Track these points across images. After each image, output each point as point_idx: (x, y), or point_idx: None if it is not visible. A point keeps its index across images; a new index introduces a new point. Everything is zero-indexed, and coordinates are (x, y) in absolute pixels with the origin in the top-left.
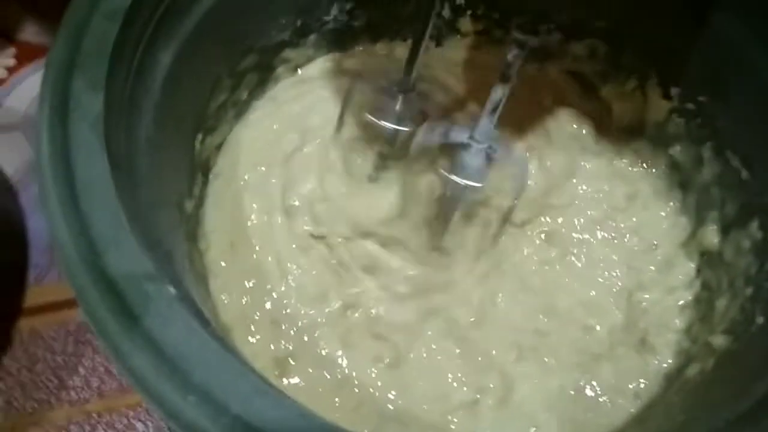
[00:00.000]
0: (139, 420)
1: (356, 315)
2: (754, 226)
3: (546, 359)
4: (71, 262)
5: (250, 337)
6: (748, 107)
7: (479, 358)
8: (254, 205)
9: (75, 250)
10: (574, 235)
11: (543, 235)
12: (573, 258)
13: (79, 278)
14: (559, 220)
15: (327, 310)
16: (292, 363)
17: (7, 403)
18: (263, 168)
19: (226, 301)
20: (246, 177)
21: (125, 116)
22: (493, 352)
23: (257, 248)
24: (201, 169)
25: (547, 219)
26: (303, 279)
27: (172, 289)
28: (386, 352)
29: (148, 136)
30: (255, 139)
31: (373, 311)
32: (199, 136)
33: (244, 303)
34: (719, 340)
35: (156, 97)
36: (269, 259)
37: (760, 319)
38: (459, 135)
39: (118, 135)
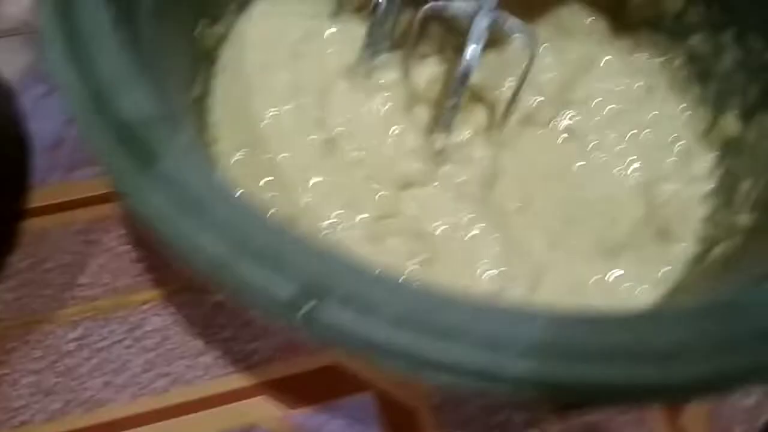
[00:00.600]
0: (153, 314)
1: (390, 220)
2: None
3: (574, 248)
4: (82, 109)
5: None
6: None
7: (514, 247)
8: (266, 105)
9: (85, 97)
10: (593, 129)
11: (563, 131)
12: (593, 153)
13: (91, 124)
14: (578, 116)
15: (358, 218)
16: None
17: (16, 301)
18: (271, 65)
19: None
20: (254, 75)
21: None
22: (529, 240)
23: (273, 150)
24: (205, 60)
25: (567, 114)
26: (326, 188)
27: (185, 135)
28: (422, 249)
29: (148, 10)
30: (259, 35)
31: (408, 215)
32: (200, 25)
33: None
34: (744, 220)
35: None
36: (287, 162)
37: None
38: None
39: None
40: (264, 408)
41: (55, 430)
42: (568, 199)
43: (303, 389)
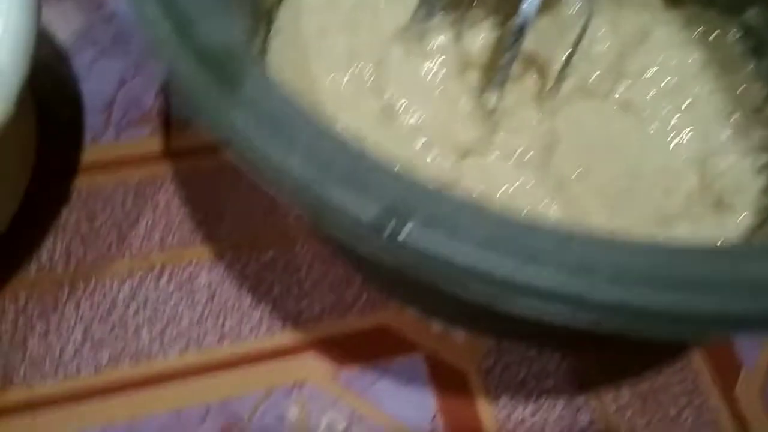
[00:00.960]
0: (203, 271)
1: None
2: None
3: (632, 218)
4: (163, 37)
5: None
6: None
7: (575, 216)
8: (322, 71)
9: (166, 24)
10: (648, 102)
11: (619, 102)
12: (648, 124)
13: (172, 51)
14: (633, 88)
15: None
16: None
17: (66, 253)
18: (328, 30)
19: None
20: (311, 40)
21: None
22: (589, 208)
23: (329, 117)
24: (264, 19)
25: (622, 85)
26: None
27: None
28: None
29: None
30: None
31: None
32: None
33: None
34: None
35: None
36: (344, 130)
37: None
38: None
39: None
40: (313, 365)
41: (103, 380)
42: (624, 170)
43: (352, 348)
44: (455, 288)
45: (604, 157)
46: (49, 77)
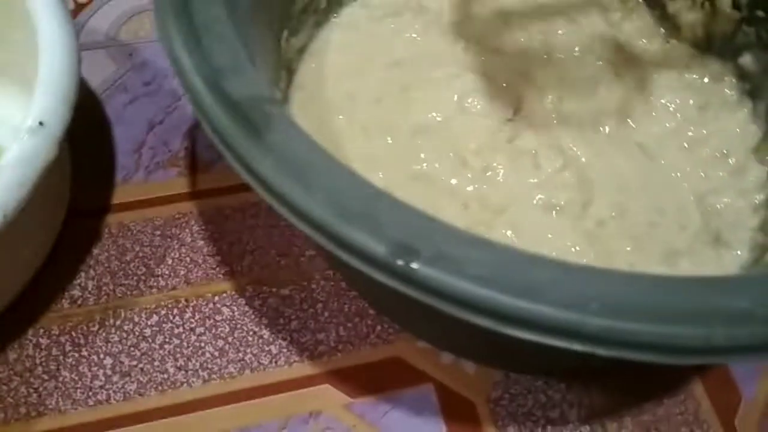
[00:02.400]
0: (225, 305)
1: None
2: None
3: (645, 255)
4: (195, 88)
5: None
6: None
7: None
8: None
9: (198, 76)
10: (651, 145)
11: (637, 145)
12: (662, 166)
13: (204, 100)
14: (641, 129)
15: None
16: None
17: (97, 288)
18: (351, 90)
19: None
20: (334, 99)
21: None
22: (619, 246)
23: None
24: (285, 68)
25: (634, 129)
26: None
27: (287, 113)
28: None
29: (245, 9)
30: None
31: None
32: (285, 34)
33: None
34: None
35: None
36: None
37: None
38: None
39: None
40: (328, 396)
41: (130, 409)
42: (653, 206)
43: (366, 379)
44: (460, 318)
45: (633, 193)
46: (84, 121)
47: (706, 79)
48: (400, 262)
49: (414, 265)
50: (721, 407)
